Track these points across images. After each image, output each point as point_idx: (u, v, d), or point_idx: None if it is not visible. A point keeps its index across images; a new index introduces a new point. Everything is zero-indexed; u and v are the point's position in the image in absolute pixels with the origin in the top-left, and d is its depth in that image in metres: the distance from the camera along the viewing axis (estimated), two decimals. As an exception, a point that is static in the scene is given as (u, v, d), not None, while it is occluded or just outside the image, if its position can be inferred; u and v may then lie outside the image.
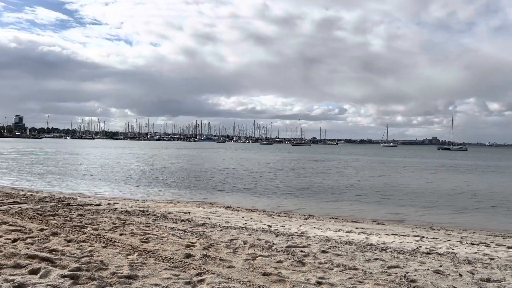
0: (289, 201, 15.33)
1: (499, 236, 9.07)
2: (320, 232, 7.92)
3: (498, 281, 4.90)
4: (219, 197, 15.52)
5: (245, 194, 16.75)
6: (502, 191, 20.56)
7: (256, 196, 16.28)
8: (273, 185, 20.52)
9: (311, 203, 14.99)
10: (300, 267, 5.14)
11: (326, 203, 15.06)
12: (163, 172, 26.39)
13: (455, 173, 33.53)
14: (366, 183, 22.82)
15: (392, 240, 7.40)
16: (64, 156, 43.49)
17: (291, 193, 17.59)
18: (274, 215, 10.89)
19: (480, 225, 11.28)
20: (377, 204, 15.28)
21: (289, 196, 16.67)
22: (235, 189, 18.46)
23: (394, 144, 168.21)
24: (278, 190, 18.48)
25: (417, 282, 4.68)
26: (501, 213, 13.65)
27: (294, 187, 19.64)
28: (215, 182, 21.21)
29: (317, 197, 16.48)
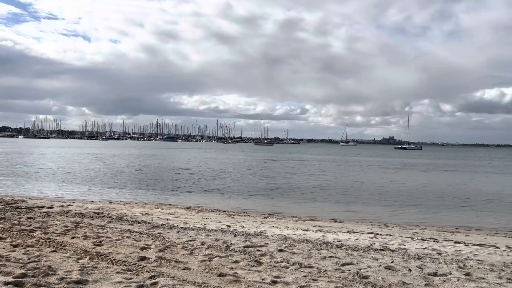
0: (250, 200, 15.39)
1: (447, 232, 9.52)
2: (279, 231, 7.99)
3: (444, 275, 5.13)
4: (179, 198, 15.31)
5: (206, 195, 16.64)
6: (455, 188, 21.61)
7: (218, 196, 16.20)
8: (236, 185, 20.51)
9: (272, 202, 15.12)
10: (257, 266, 5.15)
11: (287, 202, 15.23)
12: (122, 172, 25.71)
13: (413, 171, 34.88)
14: (326, 182, 23.28)
15: (348, 238, 7.59)
16: (15, 156, 41.37)
17: (253, 192, 17.65)
18: (234, 215, 10.88)
19: (431, 222, 11.80)
20: (336, 202, 15.62)
21: (251, 195, 16.72)
22: (197, 189, 18.28)
23: (353, 143, 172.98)
24: (240, 190, 18.48)
25: (369, 278, 4.82)
26: (450, 210, 14.32)
27: (256, 187, 19.72)
28: (176, 182, 20.92)
29: (279, 196, 16.63)
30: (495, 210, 14.47)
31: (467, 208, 14.70)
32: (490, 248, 7.21)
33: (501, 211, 14.18)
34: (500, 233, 9.82)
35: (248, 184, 20.99)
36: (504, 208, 14.88)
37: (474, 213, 13.67)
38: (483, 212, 13.99)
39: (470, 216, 13.08)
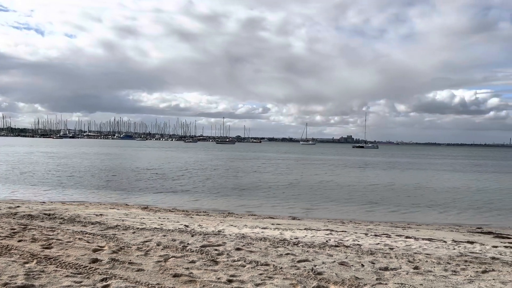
0: (211, 199, 15.28)
1: (399, 227, 9.90)
2: (237, 230, 7.99)
3: (395, 269, 5.33)
4: (137, 198, 14.94)
5: (165, 194, 16.35)
6: (411, 185, 22.50)
7: (178, 196, 15.97)
8: (196, 184, 20.31)
9: (232, 201, 15.09)
10: (213, 266, 5.13)
11: (248, 200, 15.25)
12: (77, 172, 24.76)
13: (373, 170, 35.99)
14: (287, 180, 23.55)
15: (305, 235, 7.71)
16: (-41, 155, 38.83)
17: (214, 191, 17.55)
18: (193, 215, 10.77)
19: (385, 218, 12.23)
20: (296, 200, 15.82)
21: (211, 195, 16.61)
22: (156, 189, 17.93)
23: (312, 142, 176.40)
24: (201, 189, 18.32)
25: (323, 274, 4.92)
26: (404, 206, 14.90)
27: (217, 186, 19.62)
28: (134, 182, 20.42)
29: (240, 195, 16.63)
30: (448, 206, 15.21)
31: (421, 205, 15.34)
32: (438, 242, 7.57)
33: (453, 207, 14.93)
34: (448, 228, 10.33)
35: (208, 183, 20.85)
36: (456, 204, 15.67)
37: (428, 210, 14.28)
38: (436, 208, 14.66)
39: (423, 212, 13.67)
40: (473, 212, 14.07)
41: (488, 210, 14.59)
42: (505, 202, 16.61)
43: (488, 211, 14.28)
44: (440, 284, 4.69)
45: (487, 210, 14.48)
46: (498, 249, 7.09)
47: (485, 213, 13.85)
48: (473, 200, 16.94)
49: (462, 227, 10.75)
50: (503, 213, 13.98)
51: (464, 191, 20.48)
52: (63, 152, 50.16)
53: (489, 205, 15.65)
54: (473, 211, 14.26)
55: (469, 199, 17.39)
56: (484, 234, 9.25)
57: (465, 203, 16.13)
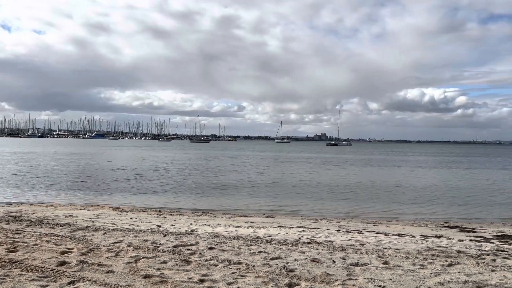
0: (185, 198, 15.13)
1: (371, 223, 10.10)
2: (210, 229, 7.96)
3: (365, 264, 5.43)
4: (109, 199, 14.63)
5: (138, 194, 16.09)
6: (381, 182, 22.97)
7: (151, 196, 15.75)
8: (169, 183, 20.09)
9: (207, 200, 15.01)
10: (185, 266, 5.08)
11: (222, 199, 15.20)
12: (45, 172, 24.03)
13: (348, 167, 36.53)
14: (262, 178, 23.61)
15: (278, 232, 7.76)
16: None
17: (188, 190, 17.41)
18: (166, 215, 10.65)
19: (357, 214, 12.45)
20: (271, 197, 15.89)
21: (185, 193, 16.46)
22: (129, 189, 17.63)
23: (287, 140, 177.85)
24: (174, 188, 18.14)
25: (295, 271, 4.96)
26: (376, 203, 15.21)
27: (191, 185, 19.47)
28: (105, 182, 20.00)
29: (214, 194, 16.55)
30: (417, 201, 15.62)
31: (392, 201, 15.69)
32: (407, 237, 7.77)
33: (423, 202, 15.35)
34: (417, 223, 10.62)
35: (182, 182, 20.67)
36: (426, 199, 16.12)
37: (398, 205, 14.62)
38: (406, 203, 15.03)
39: (394, 208, 13.98)
40: (442, 207, 14.50)
41: (455, 205, 15.08)
42: (471, 197, 17.20)
43: (456, 206, 14.76)
44: (408, 278, 4.82)
45: (455, 205, 14.96)
46: (463, 242, 7.34)
47: (453, 208, 14.30)
48: (442, 196, 17.47)
49: (431, 222, 11.08)
50: (469, 208, 14.48)
51: (434, 187, 21.09)
52: (32, 152, 48.59)
53: (457, 200, 16.18)
54: (442, 206, 14.70)
55: (438, 194, 17.91)
56: (451, 229, 9.56)
57: (435, 198, 16.62)
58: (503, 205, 15.39)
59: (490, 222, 11.54)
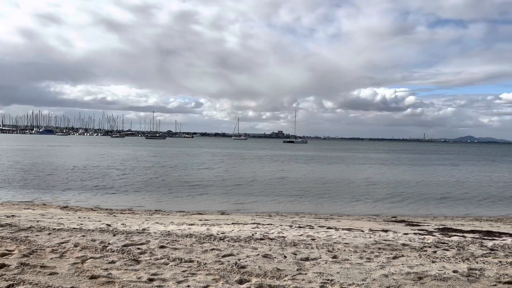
0: (139, 197, 14.79)
1: (322, 219, 10.36)
2: (163, 227, 7.82)
3: (315, 259, 5.56)
4: (56, 197, 14.00)
5: (88, 192, 15.51)
6: (334, 179, 23.60)
7: (102, 194, 15.24)
8: (122, 181, 19.52)
9: (162, 198, 14.76)
10: (134, 265, 4.96)
11: (177, 197, 15.02)
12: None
13: (304, 164, 37.15)
14: (219, 175, 23.52)
15: (231, 229, 7.77)
16: None
17: (142, 188, 17.02)
18: (117, 213, 10.35)
19: (310, 210, 12.72)
20: (227, 195, 15.88)
21: (139, 192, 16.08)
22: (78, 187, 16.94)
23: (244, 137, 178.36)
24: (127, 186, 17.65)
25: (247, 267, 4.99)
26: (328, 198, 15.62)
27: (145, 182, 19.04)
28: (53, 180, 19.10)
29: (169, 192, 16.28)
30: (368, 197, 16.20)
31: (344, 196, 16.17)
32: (356, 232, 8.03)
33: (373, 198, 15.93)
34: (367, 218, 11.02)
35: (134, 180, 20.16)
36: (376, 195, 16.75)
37: (350, 201, 15.10)
38: (357, 199, 15.55)
39: (345, 203, 14.43)
40: (391, 202, 15.16)
41: (403, 200, 15.81)
42: (418, 192, 18.09)
43: (404, 201, 15.47)
44: (355, 271, 4.98)
45: (402, 200, 15.68)
46: (408, 236, 7.70)
47: (401, 203, 14.98)
48: (391, 191, 18.24)
49: (379, 216, 11.54)
50: (416, 202, 15.23)
51: (384, 182, 21.97)
52: (-29, 148, 45.47)
53: (405, 195, 16.96)
54: (391, 201, 15.36)
55: (387, 190, 18.69)
56: (398, 223, 10.00)
57: (384, 194, 17.32)
58: (446, 199, 16.32)
59: (433, 216, 12.19)
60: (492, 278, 4.76)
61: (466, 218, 11.83)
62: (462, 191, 19.01)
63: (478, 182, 24.00)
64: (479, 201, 16.26)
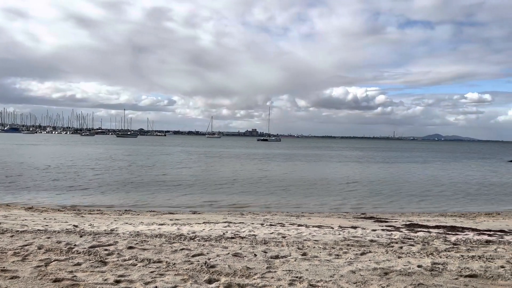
0: (109, 196, 14.49)
1: (294, 216, 10.46)
2: (132, 228, 7.69)
3: (285, 256, 5.60)
4: (21, 198, 13.51)
5: (55, 193, 15.06)
6: (307, 176, 23.83)
7: (70, 194, 14.83)
8: (91, 180, 19.06)
9: (133, 197, 14.49)
10: (101, 267, 4.85)
11: (149, 196, 14.77)
12: None
13: (274, 161, 37.31)
14: (192, 174, 23.31)
15: (202, 229, 7.72)
16: None
17: (113, 188, 16.66)
18: (85, 214, 10.10)
19: (282, 208, 12.81)
20: (198, 193, 15.76)
21: (109, 191, 15.73)
22: (43, 187, 16.42)
23: (218, 135, 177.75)
24: (97, 185, 17.24)
25: (216, 267, 4.97)
26: (300, 196, 15.77)
27: (116, 182, 18.66)
28: (17, 180, 18.43)
29: (140, 191, 16.01)
30: (338, 194, 16.45)
31: (317, 194, 16.36)
32: (326, 229, 8.15)
33: (344, 195, 16.20)
34: (337, 215, 11.20)
35: (103, 179, 19.73)
36: (346, 192, 17.03)
37: (321, 198, 15.29)
38: (328, 196, 15.76)
39: (316, 200, 14.60)
40: (361, 199, 15.45)
41: (373, 196, 16.14)
42: (388, 189, 18.53)
43: (373, 197, 15.81)
44: (323, 268, 5.05)
45: (372, 197, 16.01)
46: (376, 232, 7.88)
47: (370, 200, 15.30)
48: (361, 188, 18.60)
49: (349, 213, 11.75)
50: (385, 199, 15.59)
51: (355, 180, 22.38)
52: None
53: (374, 192, 17.33)
54: (361, 198, 15.66)
55: (358, 187, 19.05)
56: (367, 219, 10.21)
57: (354, 191, 17.64)
58: (415, 195, 16.78)
59: (401, 212, 12.52)
60: (454, 272, 4.93)
61: (432, 214, 12.21)
62: (430, 188, 19.60)
63: (446, 179, 24.81)
64: (446, 197, 16.81)
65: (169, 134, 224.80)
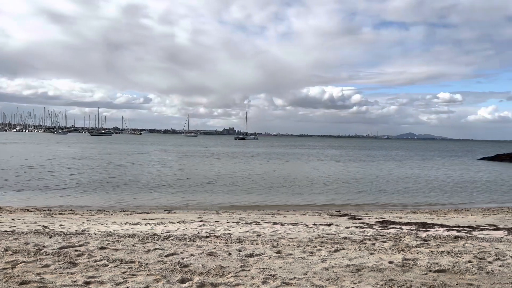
0: (82, 196, 14.17)
1: (269, 214, 10.48)
2: (104, 228, 7.54)
3: (259, 255, 5.61)
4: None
5: (23, 193, 14.61)
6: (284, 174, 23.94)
7: (39, 194, 14.42)
8: (64, 180, 18.59)
9: (106, 197, 14.23)
10: (70, 268, 4.73)
11: (121, 196, 14.53)
12: None
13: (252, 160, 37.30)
14: (164, 172, 23.06)
15: (177, 228, 7.64)
16: None
17: (85, 188, 16.28)
18: (56, 214, 9.84)
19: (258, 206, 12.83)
20: (174, 192, 15.60)
21: (82, 191, 15.37)
22: (12, 187, 15.89)
23: (195, 134, 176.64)
24: (70, 185, 16.82)
25: (190, 266, 4.92)
26: (277, 194, 15.83)
27: (89, 181, 18.26)
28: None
29: (115, 191, 15.72)
30: (314, 191, 16.60)
31: (292, 192, 16.45)
32: (301, 226, 8.21)
33: (319, 192, 16.35)
34: (312, 213, 11.29)
35: (75, 178, 19.28)
36: (322, 189, 17.20)
37: (297, 196, 15.39)
38: (305, 194, 15.88)
39: (292, 198, 14.69)
40: (336, 196, 15.65)
41: (349, 194, 16.37)
42: (363, 187, 18.83)
43: (349, 195, 16.03)
44: (297, 265, 5.08)
45: (348, 194, 16.24)
46: (350, 229, 7.99)
47: (346, 197, 15.51)
48: (337, 186, 18.83)
49: (324, 211, 11.87)
50: (360, 197, 15.83)
51: (330, 177, 22.64)
52: None
53: (349, 190, 17.58)
54: (336, 195, 15.86)
55: (333, 184, 19.27)
56: (341, 217, 10.34)
57: (330, 188, 17.84)
58: (389, 193, 17.11)
59: (375, 209, 12.74)
60: (424, 267, 5.04)
61: (405, 211, 12.48)
62: (404, 185, 20.03)
63: (419, 176, 25.40)
64: (419, 194, 17.21)
65: (144, 133, 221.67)
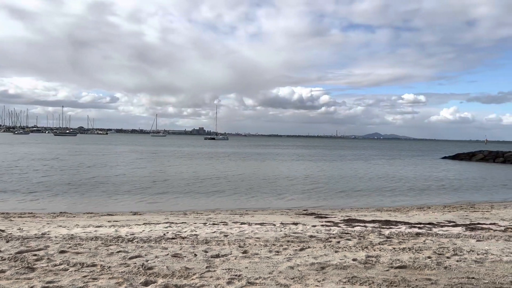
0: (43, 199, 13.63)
1: (237, 215, 10.48)
2: (66, 231, 7.30)
3: (226, 255, 5.58)
4: None
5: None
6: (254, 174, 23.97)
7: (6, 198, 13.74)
8: (24, 182, 17.86)
9: (69, 199, 13.78)
10: (28, 273, 4.55)
11: (85, 198, 14.11)
12: None
13: (221, 160, 37.12)
14: (135, 174, 22.60)
15: (142, 230, 7.50)
16: None
17: (47, 190, 15.70)
18: (14, 217, 9.45)
19: (227, 206, 12.79)
20: (140, 194, 15.30)
21: (42, 193, 14.81)
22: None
23: (163, 134, 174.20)
24: (30, 187, 16.17)
25: (154, 268, 4.84)
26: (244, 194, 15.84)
27: (51, 183, 17.62)
28: None
29: (78, 192, 15.24)
30: (282, 191, 16.71)
31: (261, 191, 16.50)
32: (268, 226, 8.24)
33: (287, 192, 16.48)
34: (280, 212, 11.37)
35: (36, 180, 18.57)
36: (290, 189, 17.34)
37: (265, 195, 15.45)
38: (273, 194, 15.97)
39: (261, 198, 14.74)
40: (303, 195, 15.83)
41: (316, 193, 16.60)
42: (330, 186, 19.14)
43: (316, 194, 16.25)
44: (263, 265, 5.10)
45: (315, 193, 16.46)
46: (316, 228, 8.09)
47: (313, 196, 15.72)
48: (305, 185, 19.05)
49: (292, 210, 11.98)
50: (326, 196, 16.08)
51: (300, 177, 22.88)
52: None
53: (318, 189, 17.83)
54: (303, 195, 16.04)
55: (303, 184, 19.49)
56: (308, 216, 10.47)
57: (297, 188, 18.03)
58: (355, 191, 17.47)
59: (341, 208, 12.98)
60: (386, 264, 5.18)
61: (370, 209, 12.78)
62: (370, 184, 20.52)
63: (385, 174, 26.08)
64: (385, 192, 17.67)
65: (111, 133, 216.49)
